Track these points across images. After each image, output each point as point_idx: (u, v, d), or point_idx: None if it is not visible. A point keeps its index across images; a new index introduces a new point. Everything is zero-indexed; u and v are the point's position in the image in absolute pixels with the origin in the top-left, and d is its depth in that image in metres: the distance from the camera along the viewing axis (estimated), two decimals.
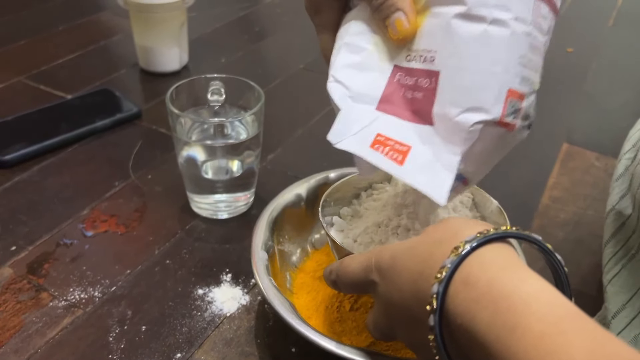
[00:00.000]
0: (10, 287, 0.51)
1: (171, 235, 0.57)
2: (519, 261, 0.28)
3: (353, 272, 0.36)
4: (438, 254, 0.29)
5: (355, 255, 0.37)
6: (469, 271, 0.27)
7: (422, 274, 0.29)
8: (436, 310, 0.27)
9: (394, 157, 0.33)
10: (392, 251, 0.33)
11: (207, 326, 0.48)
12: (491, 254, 0.28)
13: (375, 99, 0.36)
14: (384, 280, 0.33)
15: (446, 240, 0.29)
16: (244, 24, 1.04)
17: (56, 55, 0.88)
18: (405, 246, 0.32)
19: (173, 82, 0.57)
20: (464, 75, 0.32)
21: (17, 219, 0.58)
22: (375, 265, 0.34)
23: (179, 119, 0.54)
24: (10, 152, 0.65)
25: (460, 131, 0.32)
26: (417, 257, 0.31)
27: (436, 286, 0.27)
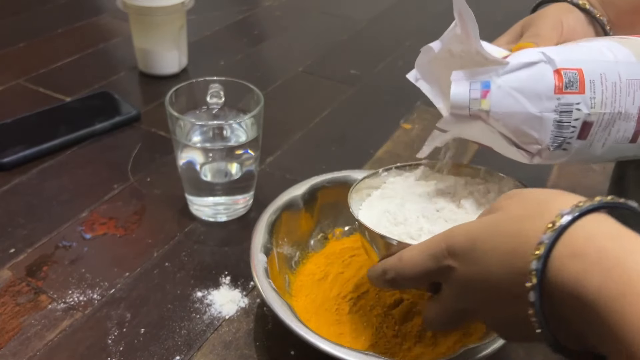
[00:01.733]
0: (9, 290, 0.51)
1: (170, 238, 0.57)
2: (624, 229, 0.27)
3: (419, 263, 0.34)
4: (529, 230, 0.28)
5: (414, 246, 0.36)
6: (573, 243, 0.26)
7: (514, 252, 0.28)
8: (537, 287, 0.27)
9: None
10: (466, 233, 0.32)
11: (206, 329, 0.48)
12: (593, 225, 0.27)
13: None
14: (464, 263, 0.32)
15: (535, 215, 0.29)
16: (243, 27, 1.05)
17: (55, 58, 0.88)
18: (482, 225, 0.31)
19: (172, 84, 0.58)
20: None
21: (16, 221, 0.58)
22: (449, 250, 0.32)
23: (178, 122, 0.54)
24: (9, 154, 0.65)
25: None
26: (503, 235, 0.30)
27: (535, 263, 0.27)
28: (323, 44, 0.98)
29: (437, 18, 1.08)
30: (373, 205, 0.46)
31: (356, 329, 0.45)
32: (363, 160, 0.69)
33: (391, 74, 0.89)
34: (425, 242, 0.35)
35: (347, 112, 0.80)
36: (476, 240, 0.31)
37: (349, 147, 0.72)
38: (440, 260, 0.33)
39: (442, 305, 0.35)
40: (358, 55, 0.95)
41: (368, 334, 0.45)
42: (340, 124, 0.77)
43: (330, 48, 0.97)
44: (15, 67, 0.85)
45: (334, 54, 0.96)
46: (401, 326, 0.45)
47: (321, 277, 0.50)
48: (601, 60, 0.40)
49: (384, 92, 0.85)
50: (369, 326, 0.45)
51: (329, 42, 0.99)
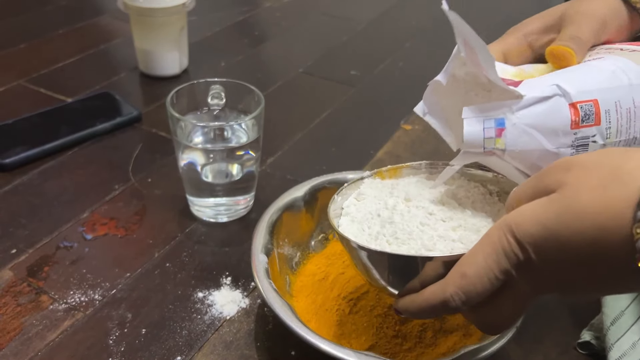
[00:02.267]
0: (10, 290, 0.51)
1: (171, 239, 0.57)
2: None
3: (490, 271, 0.30)
4: (615, 203, 0.26)
5: (469, 257, 0.31)
6: None
7: (605, 229, 0.26)
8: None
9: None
10: (536, 220, 0.28)
11: (207, 329, 0.48)
12: None
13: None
14: (544, 254, 0.28)
15: (614, 184, 0.27)
16: (243, 28, 1.05)
17: (56, 59, 0.88)
18: (552, 208, 0.28)
19: (173, 85, 0.58)
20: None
21: (17, 222, 0.58)
22: (521, 245, 0.29)
23: (179, 123, 0.54)
24: (11, 155, 0.65)
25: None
26: (584, 213, 0.27)
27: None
28: (323, 45, 0.98)
29: (437, 19, 1.08)
30: (353, 220, 0.42)
31: (357, 330, 0.45)
32: (363, 161, 0.69)
33: (391, 75, 0.90)
34: (484, 244, 0.30)
35: (348, 113, 0.80)
36: (552, 227, 0.28)
37: (349, 147, 0.73)
38: (513, 258, 0.29)
39: (516, 302, 0.31)
40: (358, 56, 0.95)
41: (369, 334, 0.45)
42: (341, 125, 0.77)
43: (331, 49, 0.98)
44: (16, 68, 0.85)
45: (334, 55, 0.96)
46: (402, 326, 0.45)
47: (322, 277, 0.50)
48: (616, 86, 0.38)
49: (384, 93, 0.85)
50: (370, 326, 0.45)
51: (329, 43, 0.99)
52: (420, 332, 0.45)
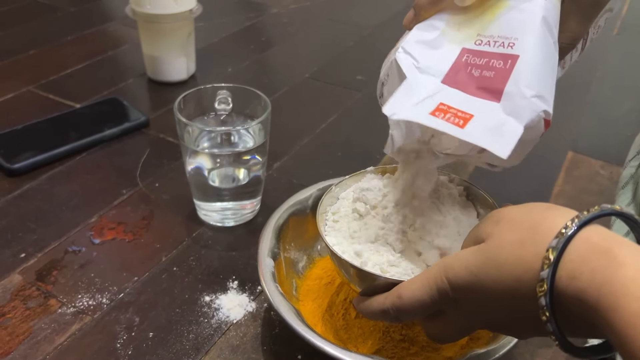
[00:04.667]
0: (19, 294, 0.51)
1: (178, 243, 0.58)
2: (609, 242, 0.28)
3: (421, 299, 0.34)
4: (527, 258, 0.30)
5: (411, 282, 0.36)
6: (569, 267, 0.28)
7: (519, 281, 0.30)
8: (550, 319, 0.29)
9: (454, 121, 0.35)
10: (466, 266, 0.32)
11: (214, 333, 0.48)
12: (582, 246, 0.28)
13: (441, 72, 0.38)
14: (469, 295, 0.33)
15: (529, 241, 0.30)
16: (250, 33, 1.05)
17: (65, 65, 0.89)
18: (480, 257, 0.32)
19: (180, 91, 0.58)
20: (538, 66, 0.36)
21: (26, 226, 0.59)
22: (452, 285, 0.33)
23: (187, 128, 0.55)
24: (20, 160, 0.66)
25: (530, 111, 0.35)
26: (504, 266, 0.31)
27: (543, 299, 0.28)
28: (329, 51, 0.99)
29: None
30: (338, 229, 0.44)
31: (363, 334, 0.45)
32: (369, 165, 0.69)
33: None
34: (420, 279, 0.35)
35: (354, 118, 0.81)
36: (478, 274, 0.32)
37: (355, 152, 0.73)
38: (444, 295, 0.33)
39: (450, 326, 0.36)
40: (364, 62, 0.96)
41: (375, 338, 0.45)
42: (347, 130, 0.77)
43: (337, 54, 0.98)
44: (25, 74, 0.86)
45: (341, 60, 0.97)
46: (408, 330, 0.45)
47: (328, 281, 0.50)
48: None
49: None
50: (376, 330, 0.45)
51: (336, 49, 0.99)
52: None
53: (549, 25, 0.37)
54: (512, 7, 0.38)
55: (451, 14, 0.40)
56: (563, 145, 0.75)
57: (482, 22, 0.39)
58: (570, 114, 0.83)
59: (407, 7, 0.43)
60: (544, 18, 0.37)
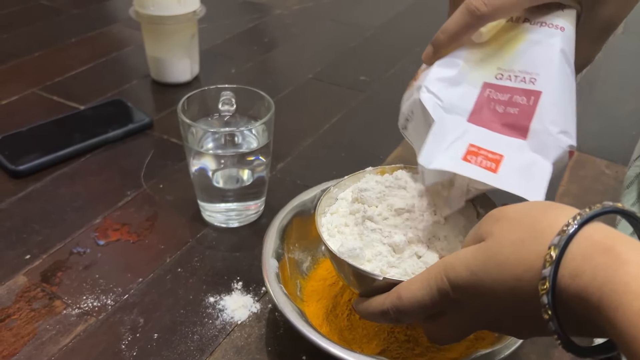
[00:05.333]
0: (24, 295, 0.51)
1: (182, 244, 0.58)
2: (611, 239, 0.28)
3: (421, 300, 0.34)
4: (528, 257, 0.29)
5: (410, 282, 0.36)
6: (571, 266, 0.28)
7: (520, 280, 0.30)
8: (552, 317, 0.28)
9: (487, 165, 0.36)
10: (466, 266, 0.32)
11: (219, 334, 0.48)
12: (584, 243, 0.28)
13: (466, 111, 0.39)
14: (470, 295, 0.32)
15: (530, 239, 0.30)
16: (253, 35, 1.05)
17: (69, 67, 0.89)
18: (480, 256, 0.32)
19: (184, 92, 0.58)
20: (560, 101, 0.37)
21: (31, 228, 0.59)
22: (452, 285, 0.33)
23: (191, 129, 0.55)
24: (25, 162, 0.66)
25: (557, 147, 0.36)
26: (504, 265, 0.30)
27: (545, 298, 0.28)
28: (333, 51, 0.99)
29: None
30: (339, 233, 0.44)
31: (367, 334, 0.45)
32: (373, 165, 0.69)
33: (401, 80, 0.89)
34: (423, 277, 0.35)
35: (357, 118, 0.81)
36: (478, 273, 0.32)
37: (359, 152, 0.73)
38: (444, 295, 0.33)
39: (451, 327, 0.36)
40: (367, 62, 0.95)
41: (380, 339, 0.45)
42: (350, 130, 0.77)
43: (340, 55, 0.98)
44: (30, 76, 0.87)
45: (344, 60, 0.97)
46: (413, 331, 0.45)
47: (332, 282, 0.50)
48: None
49: (394, 98, 0.85)
50: (381, 331, 0.45)
51: (339, 49, 0.99)
52: None
53: (567, 57, 0.38)
54: (531, 41, 0.39)
55: (469, 49, 0.41)
56: None
57: (501, 56, 0.39)
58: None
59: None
60: (562, 51, 0.37)
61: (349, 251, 0.40)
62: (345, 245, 0.41)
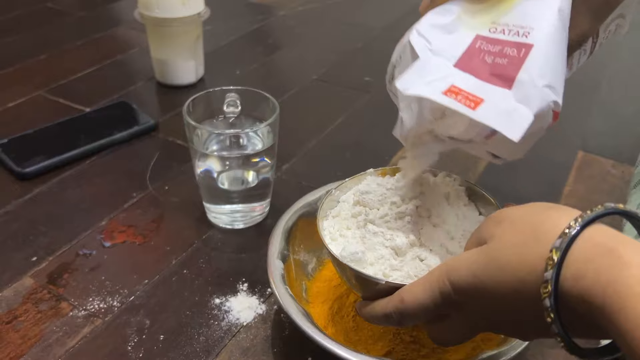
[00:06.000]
0: (31, 297, 0.52)
1: (188, 245, 0.58)
2: (613, 241, 0.28)
3: (424, 303, 0.34)
4: (530, 260, 0.29)
5: (413, 285, 0.36)
6: (573, 267, 0.28)
7: (523, 283, 0.30)
8: (555, 320, 0.28)
9: (467, 103, 0.35)
10: (468, 269, 0.32)
11: (224, 335, 0.48)
12: (587, 246, 0.28)
13: (454, 56, 0.38)
14: (472, 298, 0.32)
15: (532, 242, 0.30)
16: (258, 36, 1.06)
17: (75, 70, 0.90)
18: (482, 260, 0.32)
19: (189, 94, 0.58)
20: (552, 58, 0.36)
21: (37, 230, 0.59)
22: (454, 286, 0.33)
23: (196, 131, 0.55)
24: (31, 164, 0.66)
25: (541, 100, 0.34)
26: (506, 268, 0.30)
27: (547, 301, 0.28)
28: (337, 52, 0.99)
29: None
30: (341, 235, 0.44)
31: (373, 336, 0.45)
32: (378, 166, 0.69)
33: None
34: (426, 280, 0.35)
35: (362, 119, 0.81)
36: (480, 276, 0.32)
37: (364, 153, 0.73)
38: (447, 297, 0.33)
39: (454, 329, 0.36)
40: (372, 63, 0.95)
41: (385, 340, 0.45)
42: (355, 131, 0.77)
43: (344, 56, 0.98)
44: (36, 78, 0.87)
45: (348, 61, 0.97)
46: (418, 332, 0.45)
47: (338, 283, 0.50)
48: None
49: None
50: (386, 332, 0.45)
51: (343, 50, 0.99)
52: None
53: (564, 18, 0.37)
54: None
55: (466, 1, 0.40)
56: (573, 144, 0.75)
57: (498, 10, 0.39)
58: (580, 113, 0.82)
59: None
60: (560, 10, 0.37)
61: (351, 255, 0.40)
62: (347, 249, 0.41)
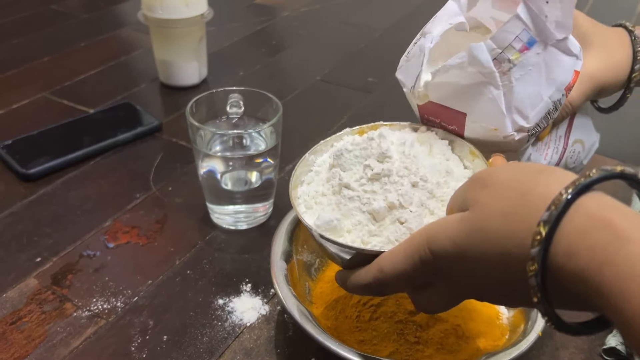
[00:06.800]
0: (35, 298, 0.52)
1: (191, 246, 0.58)
2: (615, 213, 0.25)
3: (404, 271, 0.32)
4: (517, 231, 0.27)
5: (391, 253, 0.34)
6: (564, 242, 0.25)
7: (508, 255, 0.27)
8: (542, 300, 0.26)
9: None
10: (450, 239, 0.30)
11: (228, 336, 0.48)
12: (580, 217, 0.25)
13: None
14: (454, 267, 0.31)
15: (519, 211, 0.27)
16: (261, 37, 1.06)
17: (79, 71, 0.90)
18: (465, 229, 0.30)
19: (192, 95, 0.58)
20: None
21: (41, 231, 0.59)
22: (435, 257, 0.31)
23: (199, 132, 0.55)
24: (35, 165, 0.66)
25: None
26: (491, 240, 0.28)
27: (533, 280, 0.26)
28: (340, 53, 0.99)
29: None
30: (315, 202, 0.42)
31: (377, 336, 0.45)
32: None
33: None
34: (406, 247, 0.33)
35: (365, 120, 0.80)
36: (463, 246, 0.30)
37: None
38: (428, 266, 0.32)
39: (438, 297, 0.34)
40: (375, 63, 0.95)
41: (389, 340, 0.45)
42: None
43: (348, 57, 0.98)
44: (40, 80, 0.87)
45: (352, 62, 0.96)
46: (423, 333, 0.45)
47: None
48: None
49: (402, 99, 0.85)
50: (390, 333, 0.45)
51: (346, 51, 0.99)
52: (442, 338, 0.44)
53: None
54: None
55: None
56: None
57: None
58: None
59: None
60: None
61: (325, 224, 0.38)
62: (322, 218, 0.38)
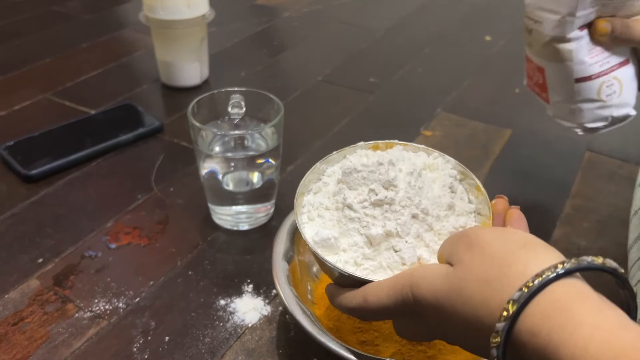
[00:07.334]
0: (37, 299, 0.52)
1: (193, 247, 0.58)
2: (574, 301, 0.28)
3: (385, 306, 0.35)
4: (491, 301, 0.30)
5: (378, 287, 0.36)
6: (531, 323, 0.28)
7: (480, 319, 0.30)
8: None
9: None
10: (433, 292, 0.33)
11: (229, 337, 0.48)
12: (546, 302, 0.28)
13: None
14: (431, 315, 0.33)
15: (496, 281, 0.30)
16: (262, 38, 1.06)
17: (80, 72, 0.90)
18: (447, 286, 0.32)
19: (194, 96, 0.58)
20: None
21: (43, 232, 0.59)
22: (416, 301, 0.34)
23: (200, 132, 0.55)
24: (37, 166, 0.67)
25: None
26: (467, 301, 0.31)
27: (494, 351, 0.28)
28: (342, 53, 0.99)
29: (455, 26, 1.07)
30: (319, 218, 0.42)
31: (379, 337, 0.45)
32: None
33: (410, 81, 0.89)
34: (391, 284, 0.35)
35: (367, 120, 0.80)
36: (442, 301, 0.32)
37: None
38: (408, 307, 0.34)
39: (415, 329, 0.36)
40: (377, 64, 0.95)
41: (391, 341, 0.45)
42: (360, 132, 0.77)
43: (349, 57, 0.98)
44: (42, 81, 0.88)
45: (353, 62, 0.96)
46: None
47: None
48: None
49: (404, 100, 0.85)
50: (392, 334, 0.45)
51: (348, 51, 0.99)
52: None
53: None
54: None
55: None
56: (580, 145, 0.74)
57: None
58: None
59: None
60: None
61: (323, 241, 0.39)
62: (320, 234, 0.39)
